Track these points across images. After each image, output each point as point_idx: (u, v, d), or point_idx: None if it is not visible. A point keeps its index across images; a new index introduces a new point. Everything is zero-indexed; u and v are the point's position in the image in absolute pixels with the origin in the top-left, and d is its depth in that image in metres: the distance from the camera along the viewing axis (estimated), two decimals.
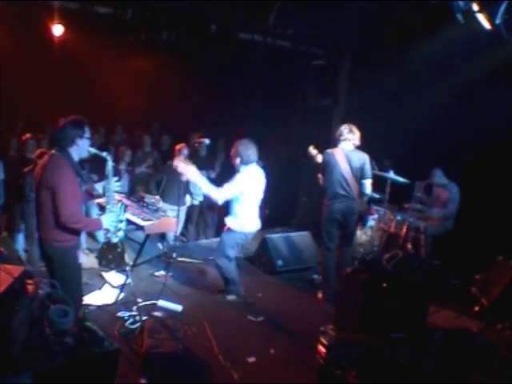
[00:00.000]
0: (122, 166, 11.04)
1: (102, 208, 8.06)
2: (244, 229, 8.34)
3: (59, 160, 5.86)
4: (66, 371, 4.18)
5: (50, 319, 4.37)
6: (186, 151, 10.72)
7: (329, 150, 8.78)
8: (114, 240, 6.68)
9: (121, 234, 6.65)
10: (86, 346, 4.43)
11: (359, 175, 8.64)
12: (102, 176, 10.08)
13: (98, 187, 6.68)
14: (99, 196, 6.76)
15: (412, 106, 10.72)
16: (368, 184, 8.76)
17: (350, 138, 8.66)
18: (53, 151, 5.98)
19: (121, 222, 6.56)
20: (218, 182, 11.99)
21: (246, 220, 8.30)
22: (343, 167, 8.56)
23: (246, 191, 8.12)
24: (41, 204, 5.88)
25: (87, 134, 6.09)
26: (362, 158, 8.68)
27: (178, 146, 10.89)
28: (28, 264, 8.55)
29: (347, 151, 8.62)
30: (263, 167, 8.48)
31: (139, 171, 11.49)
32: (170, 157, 10.91)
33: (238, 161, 8.21)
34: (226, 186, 8.04)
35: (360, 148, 8.82)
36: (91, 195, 6.67)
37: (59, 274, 5.94)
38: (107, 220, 6.31)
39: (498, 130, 9.42)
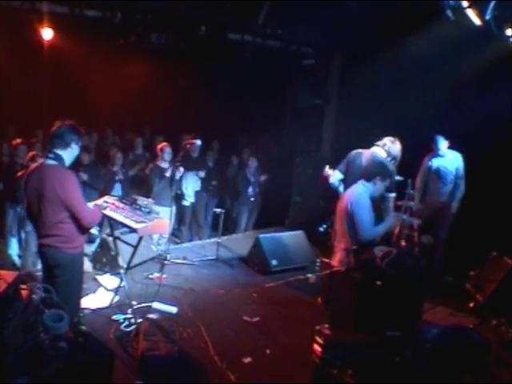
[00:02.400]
0: (115, 169, 11.03)
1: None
2: None
3: (61, 171, 5.94)
4: (62, 376, 4.17)
5: (45, 324, 4.36)
6: (168, 150, 10.72)
7: (358, 150, 8.73)
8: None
9: None
10: (81, 351, 4.41)
11: None
12: (101, 182, 10.17)
13: None
14: None
15: (403, 105, 10.73)
16: None
17: (383, 144, 8.56)
18: (45, 160, 6.00)
19: None
20: (210, 181, 12.11)
21: None
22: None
23: None
24: (41, 214, 5.92)
25: (80, 142, 6.22)
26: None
27: (159, 146, 10.92)
28: (22, 269, 8.55)
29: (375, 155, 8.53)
30: None
31: (131, 174, 11.48)
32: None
33: None
34: None
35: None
36: None
37: (65, 279, 6.05)
38: None
39: (489, 127, 9.43)
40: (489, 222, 9.58)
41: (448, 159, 10.08)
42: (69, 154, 6.07)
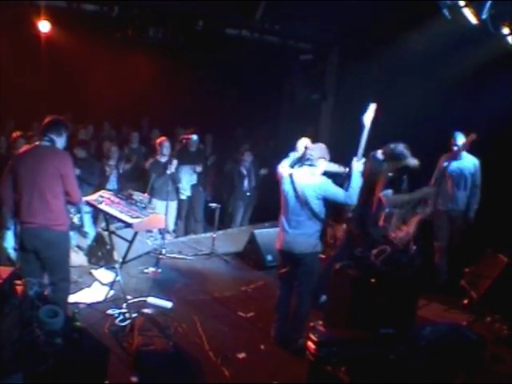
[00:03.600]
0: (111, 163, 11.01)
1: (91, 205, 8.13)
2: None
3: (58, 150, 6.49)
4: (57, 372, 4.18)
5: (40, 320, 4.37)
6: (167, 144, 10.70)
7: None
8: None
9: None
10: (76, 346, 4.43)
11: None
12: (95, 177, 10.16)
13: None
14: None
15: (400, 101, 10.72)
16: None
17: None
18: (41, 142, 6.45)
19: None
20: (208, 176, 12.08)
21: None
22: None
23: None
24: (33, 192, 6.28)
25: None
26: None
27: (158, 140, 10.90)
28: (18, 262, 8.53)
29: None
30: None
31: (127, 168, 11.46)
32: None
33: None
34: None
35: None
36: None
37: (57, 257, 6.54)
38: None
39: (486, 125, 9.44)
40: (484, 219, 9.59)
41: (465, 162, 9.44)
42: (60, 141, 6.54)
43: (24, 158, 6.44)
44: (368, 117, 7.17)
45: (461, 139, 9.23)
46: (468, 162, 9.42)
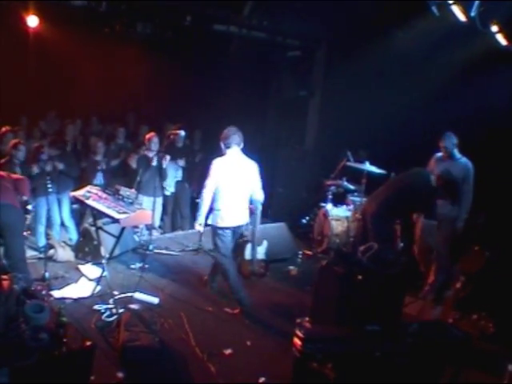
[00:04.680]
0: (98, 158, 10.99)
1: (78, 200, 8.12)
2: (218, 224, 7.96)
3: None
4: (42, 367, 4.17)
5: (26, 315, 4.37)
6: (156, 140, 10.69)
7: None
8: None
9: None
10: (62, 342, 4.42)
11: None
12: (76, 170, 10.18)
13: None
14: None
15: (387, 97, 10.76)
16: None
17: None
18: None
19: None
20: (194, 171, 12.04)
21: (221, 214, 7.96)
22: None
23: (221, 180, 7.87)
24: None
25: None
26: None
27: (147, 136, 10.86)
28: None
29: None
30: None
31: (114, 164, 11.44)
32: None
33: (222, 145, 8.21)
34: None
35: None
36: None
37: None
38: None
39: (473, 122, 9.47)
40: (470, 216, 9.61)
41: (456, 164, 8.89)
42: None
43: None
44: None
45: (450, 140, 8.78)
46: (457, 166, 8.82)
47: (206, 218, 7.96)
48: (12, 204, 7.45)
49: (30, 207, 7.38)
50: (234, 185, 7.94)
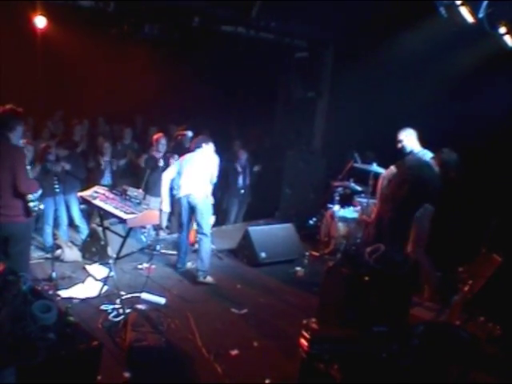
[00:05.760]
0: (105, 158, 11.02)
1: (86, 201, 8.12)
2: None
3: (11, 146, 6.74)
4: (49, 367, 4.18)
5: (33, 315, 4.37)
6: (163, 141, 10.72)
7: None
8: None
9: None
10: (69, 342, 4.43)
11: None
12: (82, 171, 10.19)
13: None
14: None
15: (395, 98, 10.74)
16: None
17: None
18: None
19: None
20: None
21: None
22: None
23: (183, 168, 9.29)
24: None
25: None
26: None
27: (155, 136, 10.91)
28: None
29: None
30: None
31: (121, 164, 11.47)
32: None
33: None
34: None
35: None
36: None
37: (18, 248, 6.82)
38: None
39: (482, 121, 9.44)
40: (478, 218, 9.59)
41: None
42: (15, 135, 6.79)
43: None
44: None
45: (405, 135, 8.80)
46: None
47: None
48: None
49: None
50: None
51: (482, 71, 9.70)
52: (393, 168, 8.82)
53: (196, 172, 9.26)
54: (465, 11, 8.41)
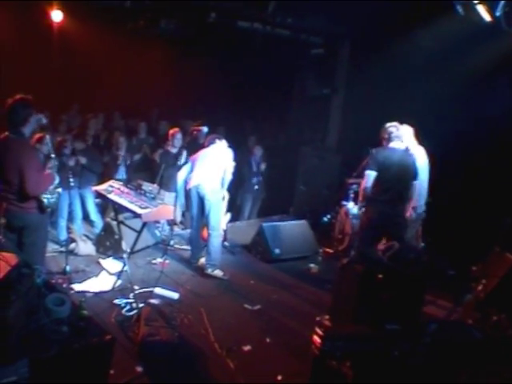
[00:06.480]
0: (121, 153, 11.04)
1: (101, 195, 8.13)
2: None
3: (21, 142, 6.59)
4: (62, 360, 4.20)
5: (47, 308, 4.39)
6: (179, 136, 10.73)
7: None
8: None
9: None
10: (82, 335, 4.44)
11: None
12: (98, 165, 10.20)
13: None
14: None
15: (410, 96, 10.71)
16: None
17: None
18: (10, 135, 6.53)
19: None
20: None
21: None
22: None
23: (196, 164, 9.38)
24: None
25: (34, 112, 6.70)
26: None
27: (171, 131, 10.92)
28: None
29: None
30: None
31: (136, 158, 11.49)
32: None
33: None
34: None
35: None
36: None
37: (32, 239, 6.70)
38: None
39: (497, 120, 9.41)
40: (492, 217, 9.55)
41: None
42: (28, 128, 6.61)
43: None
44: None
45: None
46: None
47: None
48: None
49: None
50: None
51: (498, 69, 9.66)
52: None
53: (207, 165, 9.27)
54: (482, 9, 8.39)
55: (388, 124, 8.46)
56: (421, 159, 8.65)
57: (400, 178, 8.11)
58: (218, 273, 9.17)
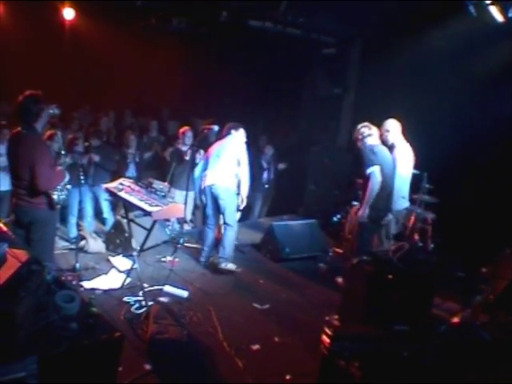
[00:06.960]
0: (131, 151, 11.06)
1: (111, 193, 8.14)
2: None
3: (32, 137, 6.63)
4: (71, 356, 4.20)
5: (56, 304, 4.39)
6: (190, 134, 10.75)
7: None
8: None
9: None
10: (91, 332, 4.45)
11: None
12: (112, 163, 10.23)
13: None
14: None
15: (422, 95, 10.68)
16: None
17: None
18: (22, 130, 6.60)
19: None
20: None
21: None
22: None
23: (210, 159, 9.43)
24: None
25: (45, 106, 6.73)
26: None
27: (181, 130, 10.94)
28: None
29: None
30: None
31: (147, 156, 11.52)
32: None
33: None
34: None
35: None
36: None
37: (40, 234, 6.78)
38: None
39: (510, 121, 9.38)
40: (502, 219, 9.53)
41: None
42: (40, 123, 6.68)
43: (10, 145, 6.89)
44: None
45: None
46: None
47: None
48: None
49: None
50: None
51: (511, 70, 9.62)
52: None
53: (221, 162, 9.23)
54: (494, 10, 8.37)
55: (359, 125, 8.79)
56: (405, 155, 8.69)
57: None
58: (231, 266, 9.23)
